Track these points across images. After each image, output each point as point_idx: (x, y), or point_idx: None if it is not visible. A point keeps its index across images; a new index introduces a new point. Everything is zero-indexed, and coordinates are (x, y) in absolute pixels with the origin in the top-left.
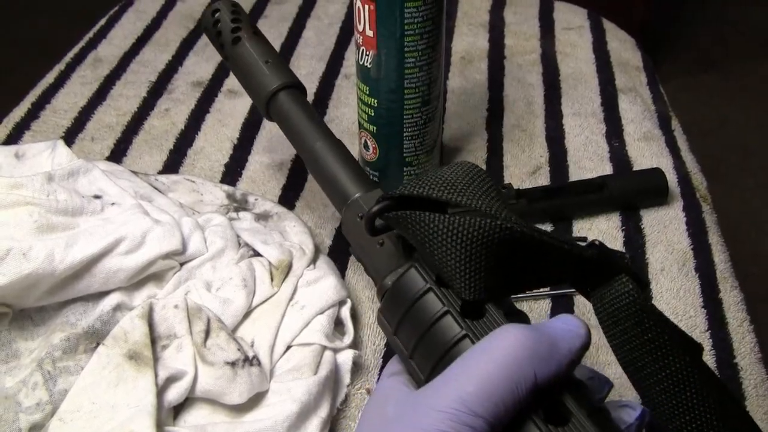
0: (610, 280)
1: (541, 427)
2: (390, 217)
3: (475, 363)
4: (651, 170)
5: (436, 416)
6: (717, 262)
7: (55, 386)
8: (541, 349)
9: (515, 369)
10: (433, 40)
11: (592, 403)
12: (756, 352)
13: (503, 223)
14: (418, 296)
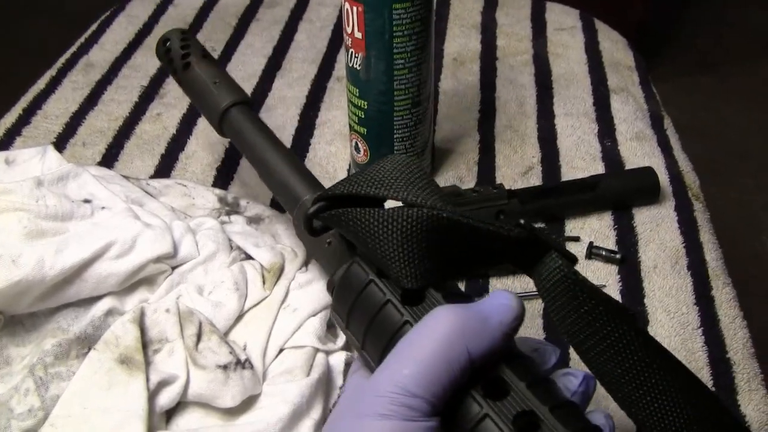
0: (543, 257)
1: (480, 401)
2: (326, 217)
3: (409, 346)
4: (643, 169)
5: (376, 402)
6: (709, 259)
7: (47, 392)
8: (472, 325)
9: (448, 347)
10: (422, 42)
11: (533, 374)
12: (749, 347)
13: (430, 210)
14: (361, 289)
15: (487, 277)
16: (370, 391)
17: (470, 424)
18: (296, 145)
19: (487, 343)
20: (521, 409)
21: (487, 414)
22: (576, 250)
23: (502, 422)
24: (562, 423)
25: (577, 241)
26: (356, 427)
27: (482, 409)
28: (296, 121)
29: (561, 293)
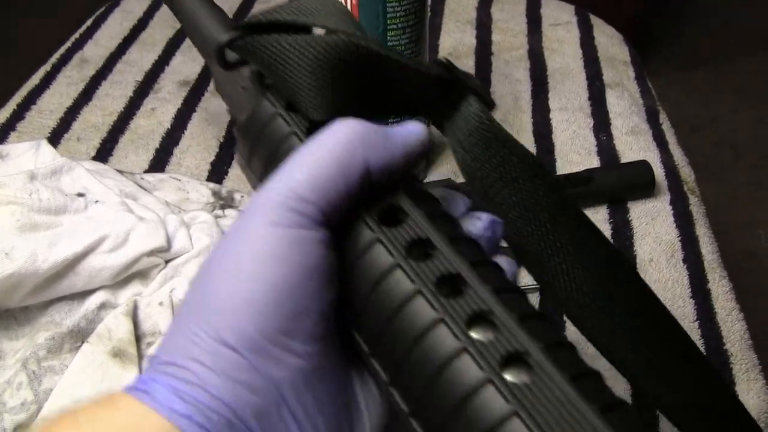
0: (459, 104)
1: (373, 226)
2: (240, 45)
3: (304, 152)
4: (638, 163)
5: (264, 208)
6: (705, 253)
7: (40, 386)
8: (373, 137)
9: (345, 153)
10: (416, 35)
11: (434, 208)
12: (746, 339)
13: (348, 37)
14: (267, 123)
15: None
16: (258, 199)
17: (360, 249)
18: None
19: (387, 158)
20: (416, 237)
21: (378, 239)
22: None
23: (394, 248)
24: (457, 252)
25: None
26: (243, 237)
27: (374, 234)
28: None
29: (476, 144)
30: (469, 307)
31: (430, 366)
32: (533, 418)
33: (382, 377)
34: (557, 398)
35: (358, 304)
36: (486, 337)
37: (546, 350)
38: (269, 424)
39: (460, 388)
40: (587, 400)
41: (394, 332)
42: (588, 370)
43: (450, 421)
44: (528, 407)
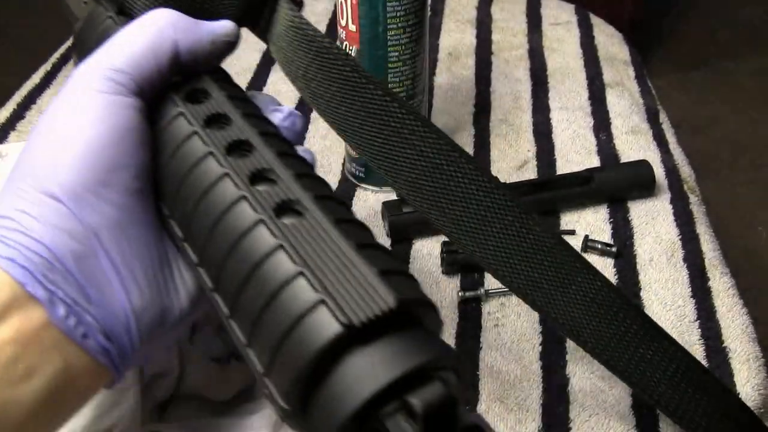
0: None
1: (178, 102)
2: None
3: (121, 32)
4: (638, 162)
5: (83, 77)
6: (705, 251)
7: None
8: (183, 23)
9: (157, 33)
10: (416, 34)
11: (235, 94)
12: (749, 333)
13: None
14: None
15: (482, 270)
16: (78, 70)
17: (167, 121)
18: None
19: (194, 42)
20: (214, 112)
21: (181, 112)
22: (572, 244)
23: (194, 120)
24: (249, 123)
25: (572, 234)
26: (64, 102)
27: (178, 108)
28: None
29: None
30: (252, 165)
31: (214, 212)
32: (297, 251)
33: (179, 234)
34: (320, 236)
35: (162, 171)
36: (264, 188)
37: (315, 199)
38: (87, 266)
39: (238, 228)
40: (347, 237)
41: (188, 188)
42: (353, 220)
43: (229, 259)
44: (293, 242)
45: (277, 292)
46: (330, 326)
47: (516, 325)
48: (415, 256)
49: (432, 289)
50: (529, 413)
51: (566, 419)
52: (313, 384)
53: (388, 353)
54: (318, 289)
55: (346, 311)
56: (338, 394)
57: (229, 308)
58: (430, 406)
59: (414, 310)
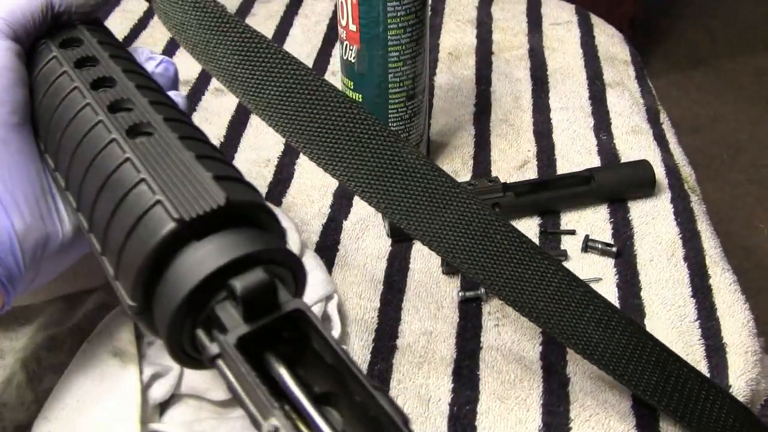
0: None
1: (53, 48)
2: None
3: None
4: (638, 162)
5: None
6: (707, 248)
7: (40, 385)
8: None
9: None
10: (416, 34)
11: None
12: (750, 327)
13: None
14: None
15: None
16: None
17: (42, 64)
18: None
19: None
20: (85, 55)
21: (55, 56)
22: (572, 244)
23: (66, 62)
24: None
25: (573, 234)
26: None
27: (52, 53)
28: None
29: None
30: (112, 96)
31: (76, 138)
32: (142, 163)
33: (51, 165)
34: (165, 151)
35: (37, 110)
36: (121, 115)
37: (165, 121)
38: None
39: (93, 149)
40: (188, 149)
41: (56, 121)
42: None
43: (86, 178)
44: (139, 156)
45: (122, 199)
46: (165, 222)
47: (516, 325)
48: (416, 256)
49: (432, 289)
50: (530, 413)
51: (566, 419)
52: (154, 279)
53: (218, 246)
54: (156, 191)
55: (179, 209)
56: (173, 285)
57: (88, 222)
58: (249, 289)
59: (251, 213)
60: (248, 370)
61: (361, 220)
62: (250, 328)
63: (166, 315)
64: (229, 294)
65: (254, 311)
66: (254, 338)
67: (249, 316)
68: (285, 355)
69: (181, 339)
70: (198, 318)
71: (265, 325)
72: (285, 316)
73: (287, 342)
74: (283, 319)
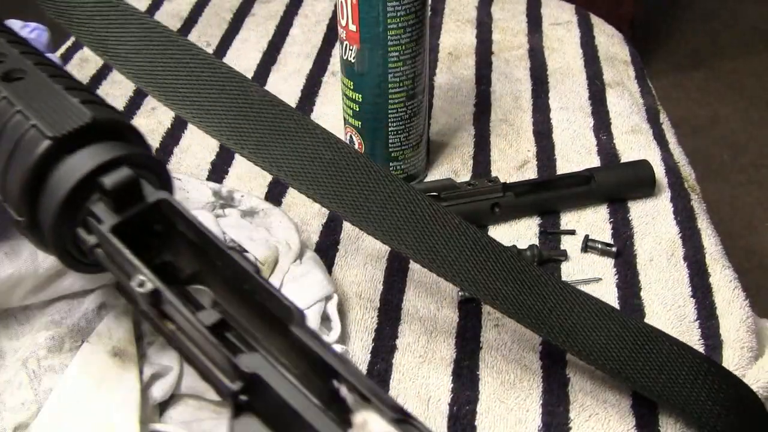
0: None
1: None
2: None
3: None
4: (638, 162)
5: None
6: (707, 245)
7: (39, 385)
8: None
9: None
10: (416, 34)
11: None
12: (749, 324)
13: None
14: None
15: None
16: None
17: None
18: None
19: None
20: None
21: None
22: (572, 243)
23: None
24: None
25: (572, 234)
26: None
27: None
28: None
29: None
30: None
31: None
32: (17, 99)
33: None
34: (37, 88)
35: None
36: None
37: (36, 65)
38: None
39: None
40: (58, 84)
41: None
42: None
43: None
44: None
45: (1, 131)
46: (40, 141)
47: (516, 325)
48: None
49: (432, 289)
50: (530, 413)
51: (566, 419)
52: (36, 194)
53: (87, 155)
54: (30, 118)
55: (52, 130)
56: (51, 193)
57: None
58: (116, 183)
59: (116, 129)
60: (120, 247)
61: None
62: (121, 217)
63: (49, 220)
64: (101, 192)
65: (123, 204)
66: (127, 230)
67: (119, 207)
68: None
69: (65, 242)
70: (77, 218)
71: (134, 214)
72: (151, 206)
73: (159, 234)
74: (150, 210)
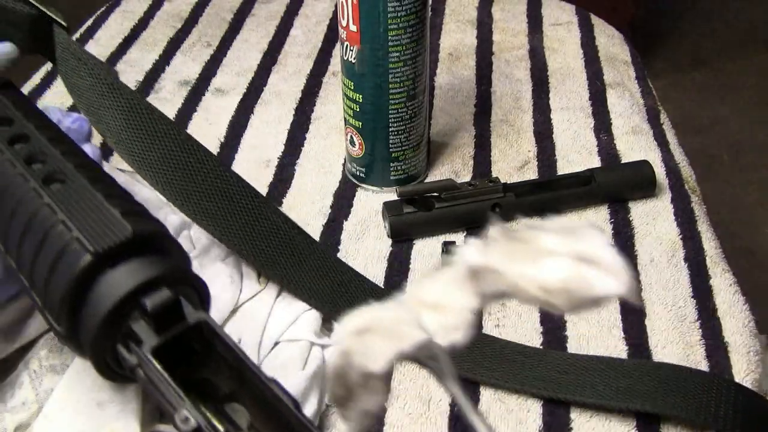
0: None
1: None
2: None
3: None
4: (639, 162)
5: None
6: (707, 248)
7: (40, 385)
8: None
9: None
10: (417, 35)
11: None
12: (751, 327)
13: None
14: None
15: None
16: None
17: None
18: (291, 140)
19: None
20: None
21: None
22: None
23: None
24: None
25: None
26: None
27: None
28: (291, 115)
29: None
30: (28, 151)
31: None
32: (59, 207)
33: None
34: (78, 194)
35: None
36: (37, 166)
37: (76, 167)
38: None
39: (16, 198)
40: (98, 191)
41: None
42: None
43: (11, 224)
44: (56, 201)
45: (43, 239)
46: (82, 255)
47: (517, 326)
48: (416, 257)
49: None
50: (530, 413)
51: (567, 420)
52: (76, 306)
53: (128, 271)
54: (72, 229)
55: (93, 243)
56: (93, 309)
57: (16, 262)
58: (157, 305)
59: (157, 243)
60: (162, 372)
61: (362, 221)
62: (161, 339)
63: (89, 335)
64: (142, 311)
65: (163, 324)
66: (167, 349)
67: (159, 328)
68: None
69: (104, 356)
70: (117, 335)
71: (174, 336)
72: (191, 327)
73: (198, 352)
74: (190, 330)
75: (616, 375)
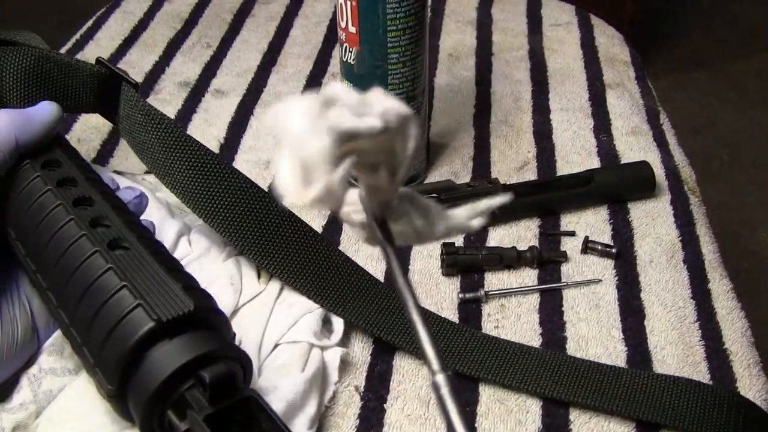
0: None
1: (36, 168)
2: None
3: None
4: (638, 163)
5: None
6: (705, 252)
7: (39, 387)
8: (18, 120)
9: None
10: (416, 36)
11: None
12: (748, 336)
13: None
14: None
15: (482, 271)
16: None
17: (26, 183)
18: None
19: (31, 135)
20: (65, 176)
21: (39, 175)
22: (572, 245)
23: (49, 181)
24: (92, 185)
25: (572, 235)
26: None
27: (36, 172)
28: None
29: (138, 124)
30: (92, 213)
31: (62, 246)
32: (123, 272)
33: (31, 267)
34: (141, 263)
35: (22, 222)
36: (101, 230)
37: (139, 238)
38: None
39: (78, 257)
40: (160, 263)
41: (42, 230)
42: (167, 253)
43: (70, 280)
44: (120, 266)
45: (106, 300)
46: (145, 322)
47: (516, 327)
48: (416, 258)
49: (432, 290)
50: (530, 414)
51: (566, 421)
52: (131, 369)
53: (185, 344)
54: (137, 296)
55: (156, 311)
56: (147, 375)
57: (69, 318)
58: (215, 378)
59: (209, 317)
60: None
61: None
62: (215, 408)
63: (142, 399)
64: (196, 381)
65: (217, 395)
66: (214, 418)
67: (213, 399)
68: None
69: (153, 420)
70: (168, 401)
71: (226, 406)
72: (241, 400)
73: (237, 422)
74: (238, 402)
75: (617, 382)
